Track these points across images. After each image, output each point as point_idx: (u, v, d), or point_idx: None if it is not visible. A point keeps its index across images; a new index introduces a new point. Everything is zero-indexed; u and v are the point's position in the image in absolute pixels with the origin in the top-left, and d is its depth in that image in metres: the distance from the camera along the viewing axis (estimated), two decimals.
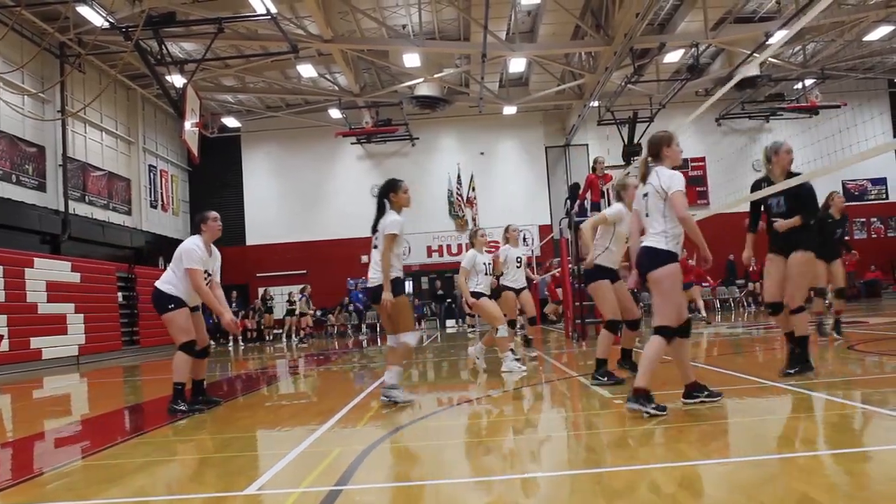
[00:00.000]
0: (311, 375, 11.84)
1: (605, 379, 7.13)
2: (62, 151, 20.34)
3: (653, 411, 5.16)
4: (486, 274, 9.44)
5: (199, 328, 7.11)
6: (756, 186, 7.09)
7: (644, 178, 5.62)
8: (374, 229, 6.83)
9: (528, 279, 11.39)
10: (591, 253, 7.35)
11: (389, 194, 6.83)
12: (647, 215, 5.55)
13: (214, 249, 7.19)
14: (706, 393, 5.55)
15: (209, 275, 7.02)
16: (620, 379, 7.14)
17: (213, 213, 7.16)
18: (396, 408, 6.53)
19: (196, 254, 6.86)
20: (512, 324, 10.66)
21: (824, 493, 3.20)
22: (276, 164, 29.90)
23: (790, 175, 6.65)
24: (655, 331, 5.38)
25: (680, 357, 5.58)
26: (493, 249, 11.24)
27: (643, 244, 5.55)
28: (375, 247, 6.79)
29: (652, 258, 5.44)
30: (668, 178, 5.39)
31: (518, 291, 10.50)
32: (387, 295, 6.51)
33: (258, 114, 28.86)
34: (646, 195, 5.56)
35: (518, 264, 10.47)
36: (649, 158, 5.64)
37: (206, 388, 7.39)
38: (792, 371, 6.67)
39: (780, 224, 6.75)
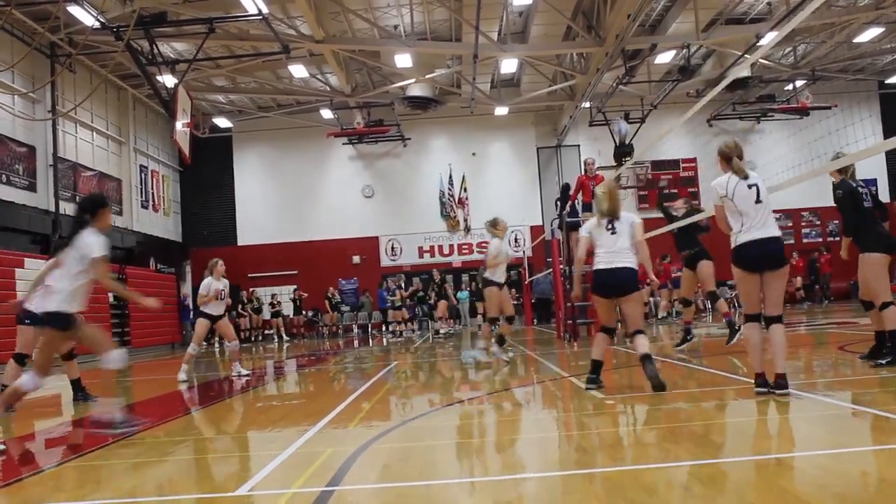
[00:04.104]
0: (301, 376, 11.81)
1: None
2: (53, 151, 20.24)
3: None
4: (219, 299, 10.67)
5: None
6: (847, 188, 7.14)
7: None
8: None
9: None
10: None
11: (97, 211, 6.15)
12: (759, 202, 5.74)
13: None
14: None
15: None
16: None
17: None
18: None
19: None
20: (493, 320, 11.11)
21: (813, 494, 3.21)
22: (268, 165, 29.81)
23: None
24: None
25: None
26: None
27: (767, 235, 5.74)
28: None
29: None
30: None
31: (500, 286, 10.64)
32: None
33: (249, 114, 28.79)
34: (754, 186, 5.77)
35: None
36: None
37: (83, 385, 8.74)
38: (884, 361, 6.87)
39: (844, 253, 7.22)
